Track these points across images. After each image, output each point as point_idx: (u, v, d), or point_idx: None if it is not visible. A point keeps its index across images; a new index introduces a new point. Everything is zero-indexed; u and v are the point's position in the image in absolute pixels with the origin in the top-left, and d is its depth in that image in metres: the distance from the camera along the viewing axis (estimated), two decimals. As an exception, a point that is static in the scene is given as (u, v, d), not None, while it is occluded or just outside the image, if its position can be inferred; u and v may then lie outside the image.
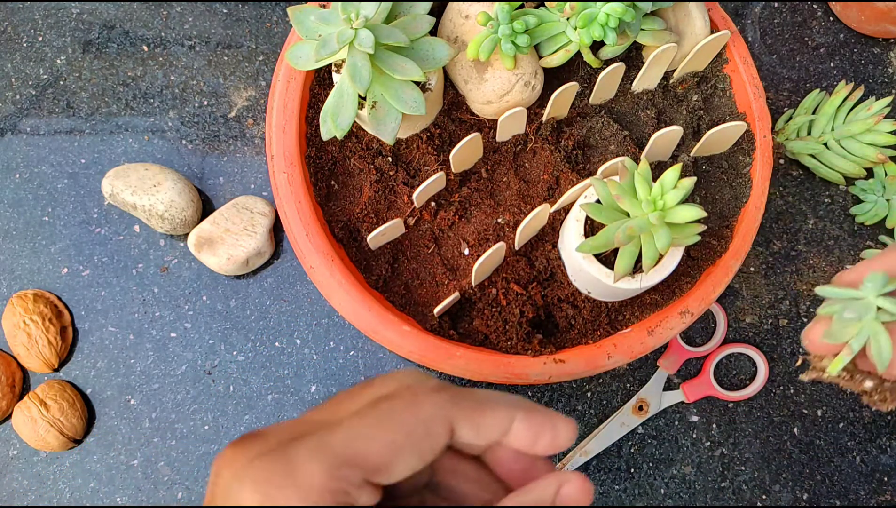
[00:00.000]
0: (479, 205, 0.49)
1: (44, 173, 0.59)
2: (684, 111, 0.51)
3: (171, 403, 0.55)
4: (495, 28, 0.44)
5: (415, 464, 0.26)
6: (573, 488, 0.28)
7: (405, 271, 0.48)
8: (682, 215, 0.39)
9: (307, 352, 0.56)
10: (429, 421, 0.26)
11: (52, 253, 0.57)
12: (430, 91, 0.45)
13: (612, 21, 0.44)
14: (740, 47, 0.51)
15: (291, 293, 0.57)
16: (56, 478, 0.54)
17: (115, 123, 0.60)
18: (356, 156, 0.49)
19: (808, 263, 0.60)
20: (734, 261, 0.48)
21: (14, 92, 0.61)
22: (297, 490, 0.23)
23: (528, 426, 0.28)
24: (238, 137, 0.60)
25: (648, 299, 0.48)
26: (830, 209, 0.61)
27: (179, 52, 0.62)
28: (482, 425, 0.28)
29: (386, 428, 0.26)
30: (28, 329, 0.53)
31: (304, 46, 0.43)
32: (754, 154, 0.50)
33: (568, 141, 0.49)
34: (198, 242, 0.55)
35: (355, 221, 0.48)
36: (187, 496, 0.54)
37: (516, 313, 0.47)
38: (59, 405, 0.52)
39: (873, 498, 0.57)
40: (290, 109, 0.47)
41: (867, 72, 0.65)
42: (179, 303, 0.57)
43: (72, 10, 0.62)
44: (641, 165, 0.41)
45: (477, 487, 0.31)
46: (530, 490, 0.28)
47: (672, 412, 0.57)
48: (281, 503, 0.23)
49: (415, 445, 0.26)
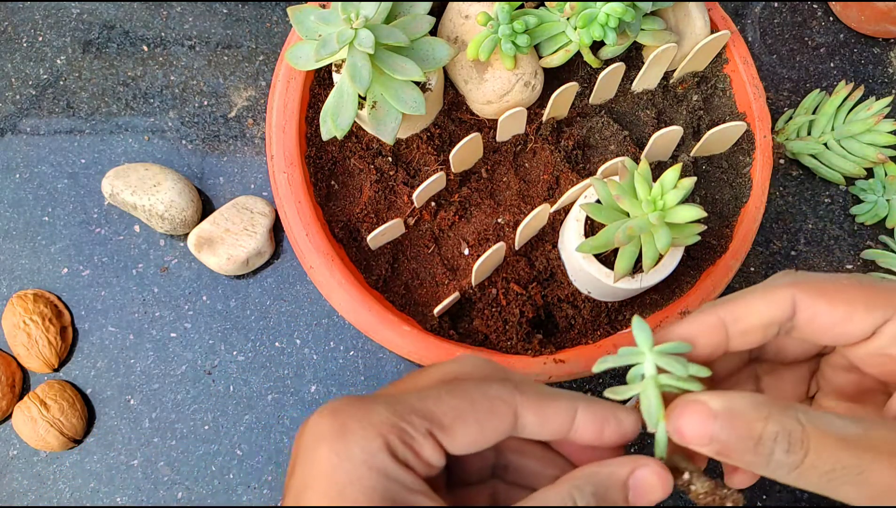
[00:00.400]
0: (479, 205, 0.49)
1: (44, 173, 0.59)
2: (684, 111, 0.51)
3: (171, 403, 0.55)
4: (495, 28, 0.44)
5: (476, 436, 0.27)
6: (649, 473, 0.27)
7: (405, 271, 0.48)
8: (682, 215, 0.39)
9: (307, 352, 0.56)
10: (494, 399, 0.28)
11: (52, 253, 0.57)
12: (430, 91, 0.45)
13: (612, 21, 0.44)
14: (740, 47, 0.51)
15: (291, 293, 0.57)
16: (56, 478, 0.54)
17: (115, 123, 0.60)
18: (356, 156, 0.49)
19: (808, 263, 0.60)
20: (734, 261, 0.48)
21: (14, 92, 0.61)
22: (369, 423, 0.26)
23: (592, 417, 0.28)
24: (238, 137, 0.60)
25: (648, 300, 0.48)
26: (830, 209, 0.61)
27: (179, 52, 0.62)
28: (546, 414, 0.28)
29: (454, 395, 0.28)
30: (28, 329, 0.53)
31: (304, 46, 0.43)
32: (754, 154, 0.50)
33: (568, 141, 0.49)
34: (198, 242, 0.55)
35: (355, 221, 0.48)
36: (187, 496, 0.54)
37: (516, 313, 0.47)
38: (59, 405, 0.52)
39: (873, 498, 0.57)
40: (290, 109, 0.47)
41: (867, 72, 0.65)
42: (179, 303, 0.57)
43: (72, 10, 0.62)
44: (641, 165, 0.41)
45: (544, 464, 0.31)
46: (602, 466, 0.28)
47: (672, 412, 0.57)
48: (353, 431, 0.25)
49: (478, 415, 0.27)
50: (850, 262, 0.60)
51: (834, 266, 0.60)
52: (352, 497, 0.25)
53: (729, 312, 0.29)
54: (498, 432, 0.28)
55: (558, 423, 0.28)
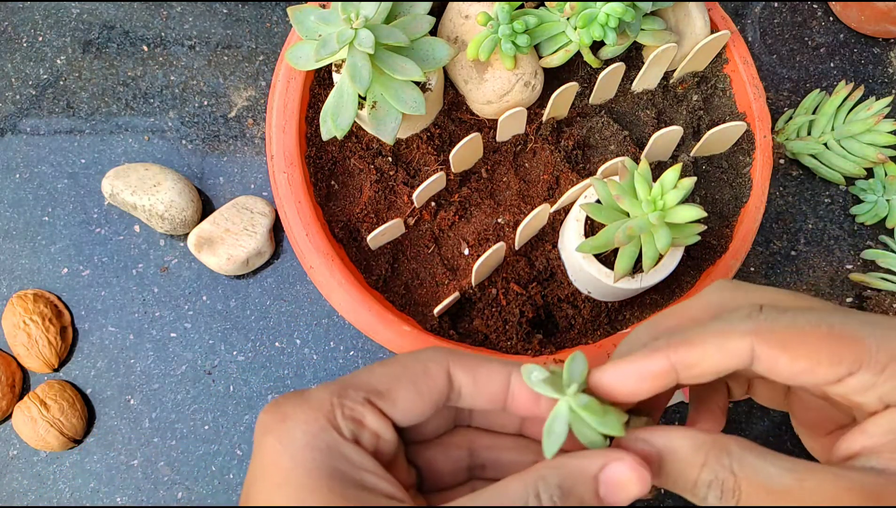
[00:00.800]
0: (479, 205, 0.49)
1: (44, 173, 0.59)
2: (684, 111, 0.51)
3: (171, 403, 0.55)
4: (495, 28, 0.44)
5: (415, 398, 0.28)
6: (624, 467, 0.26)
7: (405, 271, 0.48)
8: (682, 215, 0.39)
9: (307, 352, 0.56)
10: (427, 362, 0.28)
11: (52, 253, 0.57)
12: (430, 91, 0.45)
13: (612, 21, 0.44)
14: (740, 47, 0.51)
15: (291, 293, 0.57)
16: (56, 478, 0.54)
17: (115, 123, 0.60)
18: (356, 156, 0.49)
19: (808, 263, 0.60)
20: (734, 261, 0.48)
21: (14, 92, 0.61)
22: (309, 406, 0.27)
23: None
24: (238, 137, 0.60)
25: (648, 299, 0.48)
26: (830, 209, 0.61)
27: (179, 52, 0.62)
28: (479, 375, 0.29)
29: (386, 365, 0.29)
30: (28, 329, 0.53)
31: (304, 46, 0.43)
32: (754, 154, 0.50)
33: (568, 141, 0.49)
34: (198, 242, 0.55)
35: (355, 221, 0.48)
36: (187, 496, 0.54)
37: (516, 313, 0.47)
38: (59, 405, 0.52)
39: (873, 498, 0.57)
40: (290, 109, 0.47)
41: (867, 72, 0.65)
42: (179, 303, 0.57)
43: (72, 10, 0.62)
44: (641, 165, 0.41)
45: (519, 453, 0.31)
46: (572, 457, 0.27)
47: (672, 412, 0.57)
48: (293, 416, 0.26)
49: (412, 378, 0.28)
50: (850, 262, 0.60)
51: (834, 266, 0.60)
52: (296, 480, 0.25)
53: (681, 358, 0.28)
54: (434, 392, 0.28)
55: (493, 387, 0.29)
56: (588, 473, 0.26)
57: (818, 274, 0.60)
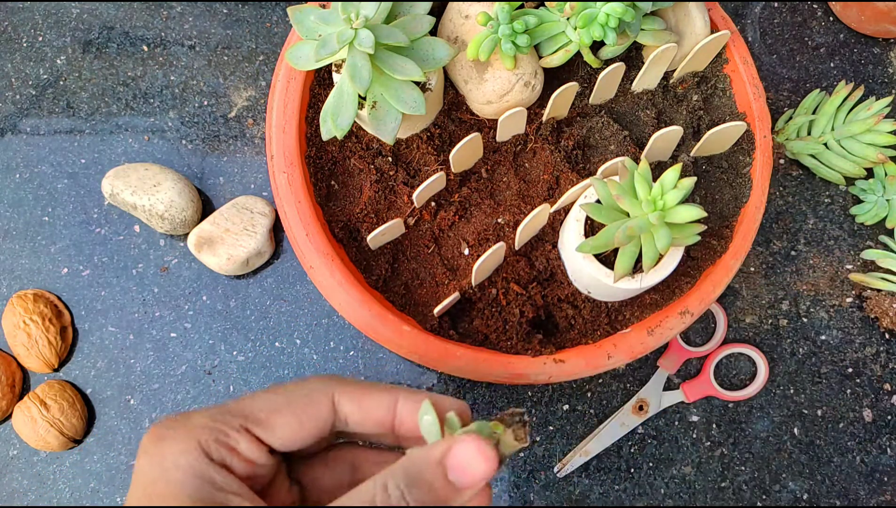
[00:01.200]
0: (479, 205, 0.49)
1: (44, 173, 0.59)
2: (684, 111, 0.51)
3: (171, 403, 0.55)
4: (495, 28, 0.44)
5: (295, 427, 0.28)
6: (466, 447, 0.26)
7: (405, 271, 0.48)
8: (682, 215, 0.39)
9: (307, 352, 0.56)
10: (311, 391, 0.29)
11: (52, 253, 0.57)
12: (430, 91, 0.45)
13: (612, 21, 0.44)
14: (740, 47, 0.51)
15: (291, 293, 0.57)
16: (56, 478, 0.54)
17: (115, 123, 0.60)
18: (356, 156, 0.49)
19: (808, 263, 0.60)
20: (734, 261, 0.48)
21: (14, 92, 0.61)
22: (184, 430, 0.27)
23: (413, 407, 0.29)
24: (238, 137, 0.60)
25: (648, 299, 0.48)
26: (830, 209, 0.61)
27: (179, 52, 0.62)
28: (364, 402, 0.29)
29: (269, 392, 0.29)
30: (28, 329, 0.53)
31: (304, 46, 0.43)
32: (754, 154, 0.50)
33: (568, 141, 0.49)
34: (198, 242, 0.55)
35: (355, 221, 0.48)
36: (187, 496, 0.54)
37: (516, 313, 0.47)
38: (59, 405, 0.52)
39: (873, 498, 0.57)
40: (290, 109, 0.47)
41: (867, 72, 0.65)
42: (179, 303, 0.57)
43: (72, 10, 0.62)
44: (641, 165, 0.41)
45: None
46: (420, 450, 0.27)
47: (672, 412, 0.57)
48: (167, 438, 0.27)
49: (294, 407, 0.29)
50: (850, 262, 0.60)
51: (834, 266, 0.60)
52: (158, 495, 0.26)
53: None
54: (317, 421, 0.29)
55: (379, 413, 0.29)
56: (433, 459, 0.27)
57: (818, 274, 0.60)
